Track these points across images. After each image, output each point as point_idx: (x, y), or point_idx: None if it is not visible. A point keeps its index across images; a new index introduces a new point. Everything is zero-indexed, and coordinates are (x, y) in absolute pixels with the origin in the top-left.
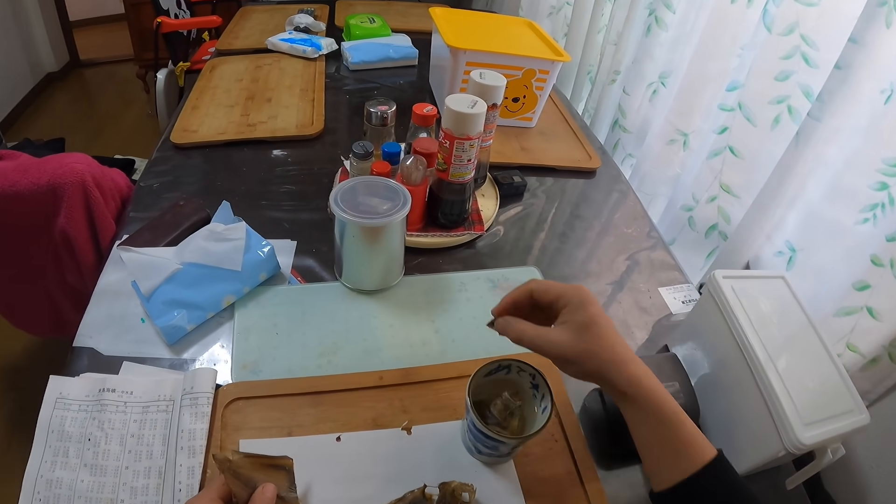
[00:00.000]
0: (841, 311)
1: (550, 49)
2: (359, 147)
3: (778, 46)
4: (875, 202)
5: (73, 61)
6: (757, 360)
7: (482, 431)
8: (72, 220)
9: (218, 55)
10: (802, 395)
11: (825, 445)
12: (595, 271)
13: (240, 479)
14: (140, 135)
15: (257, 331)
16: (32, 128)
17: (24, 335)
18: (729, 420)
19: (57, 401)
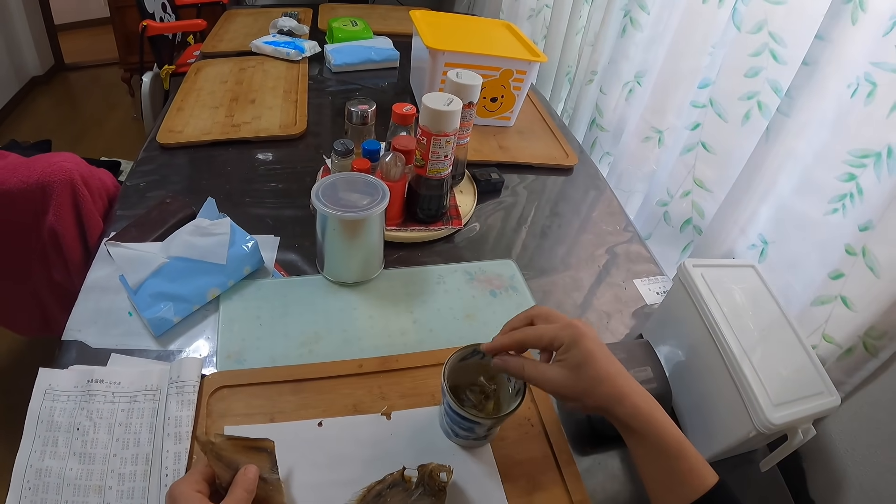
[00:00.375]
0: (816, 301)
1: (528, 50)
2: (340, 145)
3: (747, 44)
4: (843, 192)
5: (57, 65)
6: (726, 345)
7: (458, 413)
8: (61, 217)
9: (203, 58)
10: (772, 378)
11: (795, 426)
12: (573, 264)
13: (222, 461)
14: (125, 138)
15: (241, 322)
16: (16, 131)
17: (8, 337)
18: (702, 404)
19: (46, 392)
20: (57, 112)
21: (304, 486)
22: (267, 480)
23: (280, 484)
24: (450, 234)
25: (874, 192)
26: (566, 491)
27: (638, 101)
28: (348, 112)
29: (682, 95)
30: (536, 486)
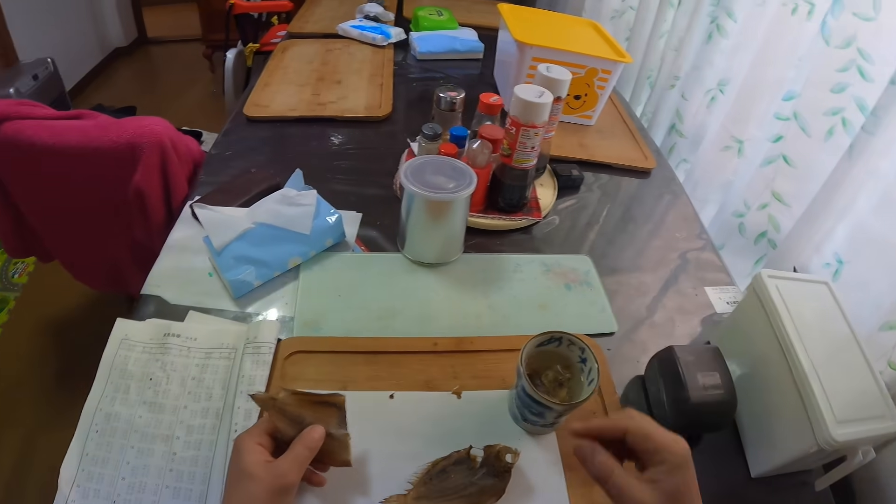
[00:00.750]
0: (885, 326)
1: (613, 50)
2: (428, 129)
3: (835, 59)
4: None
5: (140, 38)
6: (796, 358)
7: (532, 397)
8: (148, 178)
9: (289, 37)
10: (837, 396)
11: (856, 446)
12: (645, 266)
13: (286, 416)
14: (203, 111)
15: (320, 292)
16: (98, 98)
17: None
18: (765, 415)
19: (122, 341)
20: (138, 83)
21: (371, 455)
22: (334, 436)
23: (347, 440)
24: (528, 226)
25: None
26: None
27: (719, 110)
28: (437, 98)
29: (765, 106)
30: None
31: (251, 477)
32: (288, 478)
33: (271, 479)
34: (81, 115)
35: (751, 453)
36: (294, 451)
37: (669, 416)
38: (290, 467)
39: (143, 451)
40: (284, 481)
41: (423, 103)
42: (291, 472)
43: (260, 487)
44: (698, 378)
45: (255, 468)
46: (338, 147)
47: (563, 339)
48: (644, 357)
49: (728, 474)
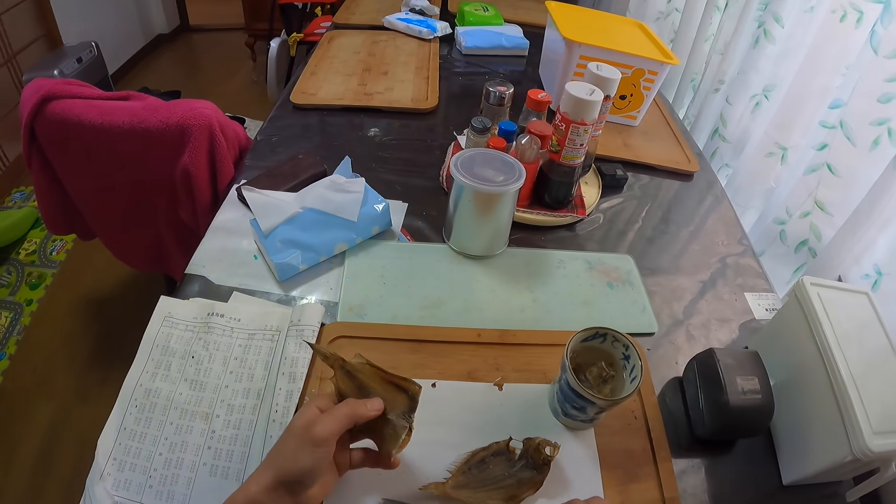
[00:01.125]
0: None
1: (660, 51)
2: (477, 122)
3: (884, 68)
4: None
5: (182, 25)
6: (836, 366)
7: (575, 391)
8: (195, 159)
9: (334, 28)
10: (874, 406)
11: (890, 458)
12: (684, 268)
13: (353, 381)
14: (244, 99)
15: (365, 278)
16: (140, 84)
17: (116, 270)
18: (801, 422)
19: (165, 318)
20: (179, 69)
21: (412, 442)
22: (391, 422)
23: (402, 433)
24: (572, 223)
25: None
26: (659, 486)
27: (764, 116)
28: (486, 92)
29: (810, 114)
30: (632, 478)
31: (290, 428)
32: (316, 429)
33: (302, 428)
34: (130, 97)
35: (784, 460)
36: (336, 409)
37: (706, 418)
38: (323, 423)
39: (181, 427)
40: (313, 430)
41: (468, 97)
42: (323, 426)
43: (291, 435)
44: (737, 382)
45: (296, 420)
46: (384, 137)
47: (608, 335)
48: (681, 359)
49: (759, 481)
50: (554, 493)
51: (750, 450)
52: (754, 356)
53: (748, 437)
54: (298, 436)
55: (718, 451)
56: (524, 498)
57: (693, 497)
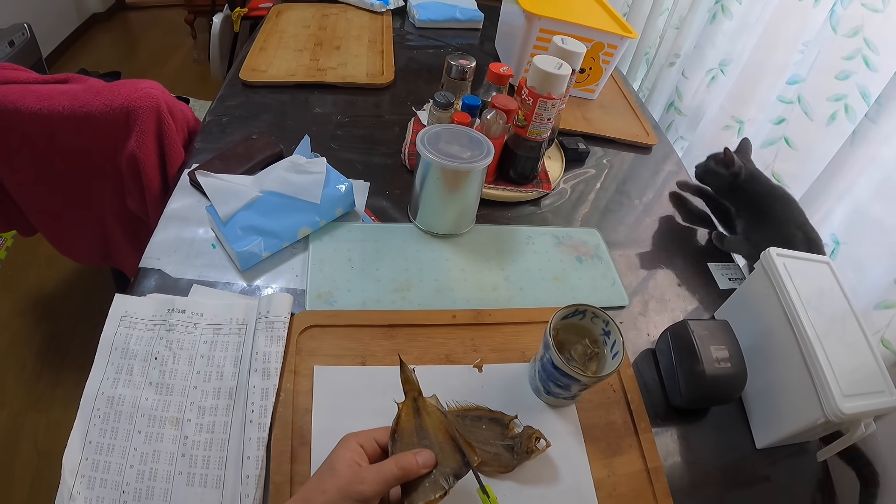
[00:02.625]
0: (879, 305)
1: (619, 25)
2: (440, 97)
3: (841, 46)
4: None
5: (119, 3)
6: (804, 333)
7: (559, 368)
8: (143, 144)
9: (282, 1)
10: (842, 370)
11: (860, 419)
12: (647, 240)
13: (417, 419)
14: (186, 79)
15: (332, 263)
16: (77, 66)
17: (63, 264)
18: (773, 387)
19: (122, 319)
20: (116, 50)
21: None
22: (431, 476)
23: (438, 493)
24: (538, 198)
25: None
26: (642, 457)
27: (720, 90)
28: (448, 65)
29: (767, 89)
30: (615, 450)
31: (332, 471)
32: (363, 487)
33: (347, 481)
34: (70, 79)
35: (756, 425)
36: (386, 464)
37: (683, 389)
38: (372, 479)
39: (151, 435)
40: (359, 489)
41: (425, 71)
42: (371, 483)
43: (334, 484)
44: (711, 352)
45: (340, 464)
46: (340, 114)
47: (588, 312)
48: (652, 331)
49: (734, 446)
50: (540, 469)
51: (722, 416)
52: (725, 325)
53: (722, 404)
54: (340, 488)
55: (693, 419)
56: (488, 472)
57: (670, 465)
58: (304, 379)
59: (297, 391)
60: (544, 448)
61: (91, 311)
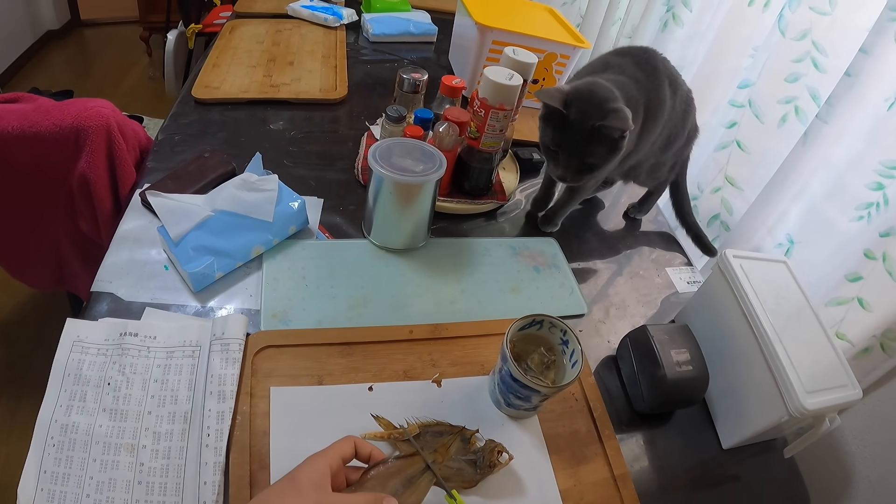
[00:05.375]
0: (832, 301)
1: (572, 35)
2: (392, 111)
3: (790, 50)
4: (871, 201)
5: (74, 20)
6: (764, 333)
7: (518, 380)
8: (93, 164)
9: (236, 17)
10: (803, 367)
11: (824, 414)
12: (606, 248)
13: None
14: (141, 96)
15: (286, 282)
16: (30, 85)
17: (18, 289)
18: (736, 387)
19: (74, 344)
20: (71, 68)
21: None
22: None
23: None
24: (493, 209)
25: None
26: (608, 464)
27: None
28: (400, 79)
29: (719, 94)
30: (581, 459)
31: (298, 490)
32: None
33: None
34: (19, 98)
35: (721, 426)
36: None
37: (645, 394)
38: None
39: (106, 463)
40: None
41: (378, 86)
42: None
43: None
44: (672, 356)
45: (306, 484)
46: (293, 130)
47: (545, 321)
48: (612, 337)
49: (700, 448)
50: (505, 482)
51: (687, 419)
52: (685, 329)
53: (686, 407)
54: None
55: (657, 423)
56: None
57: (638, 470)
58: (260, 401)
59: (254, 413)
60: (507, 461)
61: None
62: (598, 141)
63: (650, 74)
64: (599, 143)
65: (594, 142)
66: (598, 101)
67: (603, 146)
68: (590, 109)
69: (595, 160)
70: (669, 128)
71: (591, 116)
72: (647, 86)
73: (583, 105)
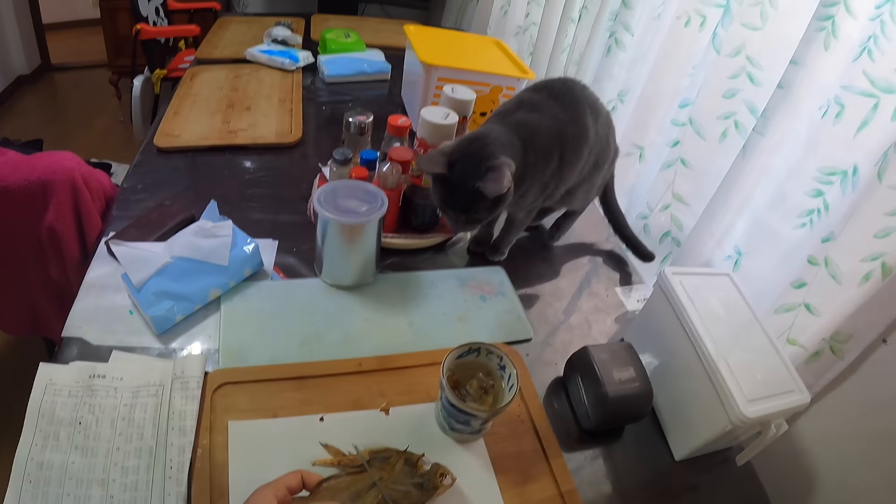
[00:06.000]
0: (781, 308)
1: (516, 67)
2: (339, 154)
3: (726, 66)
4: (812, 208)
5: (44, 65)
6: (704, 346)
7: (456, 406)
8: (61, 215)
9: (197, 63)
10: (746, 376)
11: (769, 420)
12: (558, 272)
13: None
14: (111, 140)
15: (242, 322)
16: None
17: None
18: (681, 402)
19: (47, 387)
20: (43, 112)
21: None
22: None
23: None
24: (441, 242)
25: (839, 207)
26: (555, 482)
27: (620, 119)
28: (346, 122)
29: (662, 114)
30: (527, 478)
31: None
32: None
33: None
34: None
35: (672, 438)
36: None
37: (590, 412)
38: None
39: (79, 497)
40: None
41: (333, 126)
42: None
43: None
44: (614, 374)
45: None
46: (251, 175)
47: (482, 349)
48: (561, 360)
49: (653, 460)
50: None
51: (639, 434)
52: (627, 347)
53: (634, 422)
54: None
55: (610, 440)
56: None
57: (593, 487)
58: (219, 434)
59: (214, 446)
60: (450, 483)
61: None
62: (481, 198)
63: (570, 105)
64: (482, 200)
65: (477, 199)
66: (477, 161)
67: (486, 201)
68: (469, 171)
69: (481, 215)
70: (596, 152)
71: (470, 177)
72: (566, 118)
73: (463, 167)
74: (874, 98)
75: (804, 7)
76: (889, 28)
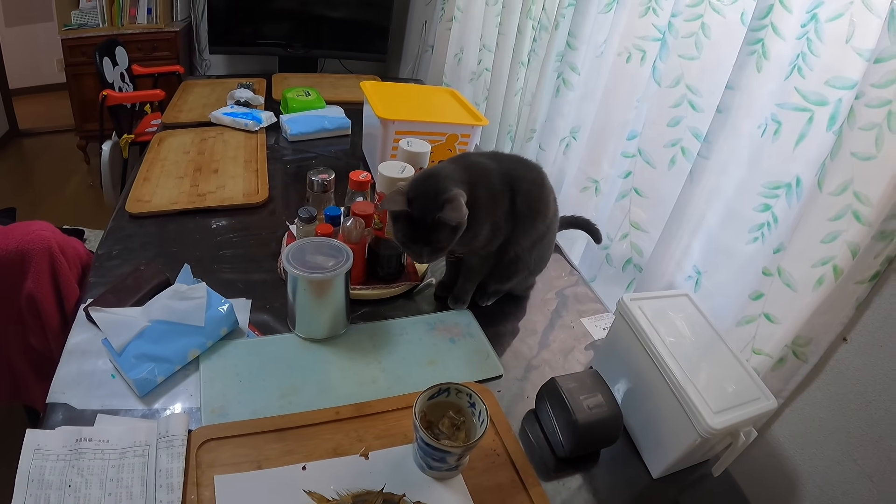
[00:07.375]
0: (742, 321)
1: (470, 114)
2: (304, 212)
3: (668, 97)
4: (762, 222)
5: (12, 130)
6: (667, 367)
7: (430, 445)
8: (39, 284)
9: (164, 128)
10: (712, 390)
11: (737, 429)
12: (520, 310)
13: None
14: (82, 205)
15: (222, 379)
16: None
17: None
18: (651, 422)
19: (35, 452)
20: (12, 178)
21: None
22: None
23: None
24: (408, 290)
25: (786, 218)
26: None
27: (574, 154)
28: (310, 181)
29: (613, 147)
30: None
31: None
32: None
33: None
34: None
35: (647, 457)
36: None
37: (564, 441)
38: None
39: None
40: None
41: (299, 183)
42: None
43: None
44: (581, 401)
45: None
46: (221, 236)
47: (451, 389)
48: (532, 393)
49: (632, 481)
50: None
51: (615, 456)
52: (594, 374)
53: (607, 445)
54: None
55: (587, 465)
56: None
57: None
58: (206, 489)
59: (201, 501)
60: None
61: (8, 450)
62: (442, 227)
63: (523, 164)
64: (443, 229)
65: (438, 229)
66: (434, 195)
67: (447, 230)
68: (427, 205)
69: (443, 244)
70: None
71: (430, 211)
72: (522, 170)
73: (422, 202)
74: (808, 112)
75: (735, 32)
76: (815, 45)
